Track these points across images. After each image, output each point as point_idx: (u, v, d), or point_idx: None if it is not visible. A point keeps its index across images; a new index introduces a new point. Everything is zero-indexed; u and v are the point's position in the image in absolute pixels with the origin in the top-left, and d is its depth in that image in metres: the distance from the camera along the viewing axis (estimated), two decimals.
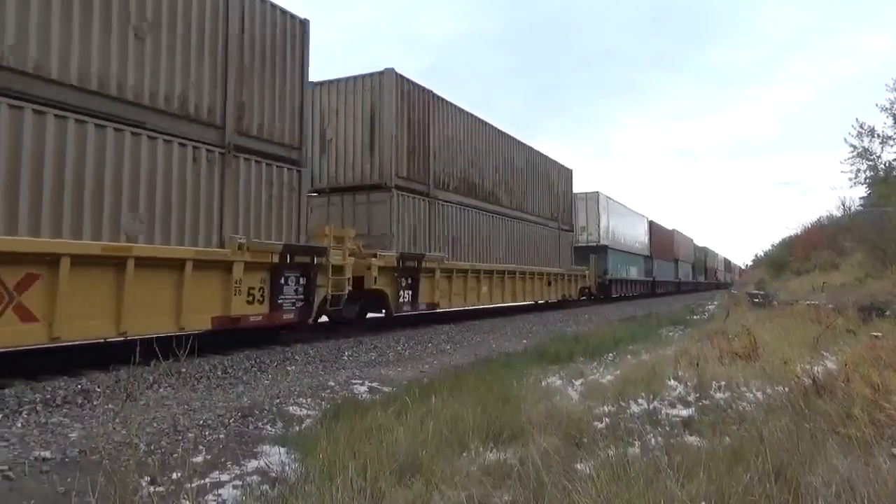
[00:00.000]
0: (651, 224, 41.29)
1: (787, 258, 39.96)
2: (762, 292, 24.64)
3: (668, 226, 49.68)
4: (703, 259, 67.05)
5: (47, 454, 4.08)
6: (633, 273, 35.38)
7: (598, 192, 29.49)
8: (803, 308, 13.50)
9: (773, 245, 60.57)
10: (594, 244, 28.88)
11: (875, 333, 7.30)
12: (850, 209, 30.30)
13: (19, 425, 4.91)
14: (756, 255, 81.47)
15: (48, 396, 5.75)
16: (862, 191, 24.89)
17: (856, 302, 12.76)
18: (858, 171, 22.06)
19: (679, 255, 50.11)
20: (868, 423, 3.90)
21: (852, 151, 21.75)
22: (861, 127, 21.19)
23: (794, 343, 8.22)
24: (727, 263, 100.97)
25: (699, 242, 66.42)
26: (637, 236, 37.24)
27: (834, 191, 70.41)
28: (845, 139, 21.77)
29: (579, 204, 28.47)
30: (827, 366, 6.00)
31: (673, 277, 47.97)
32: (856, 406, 4.26)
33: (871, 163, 21.47)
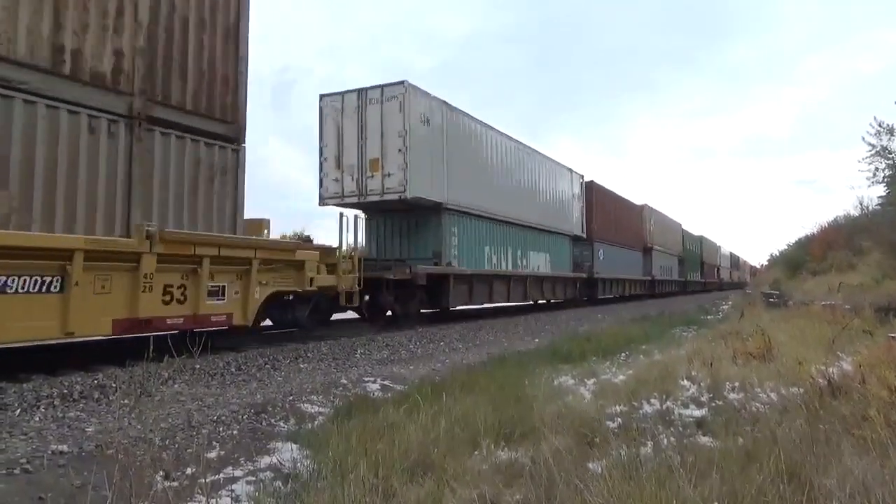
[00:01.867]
0: (590, 187, 26.26)
1: (804, 258, 39.34)
2: (777, 292, 24.43)
3: (638, 200, 35.51)
4: (696, 251, 51.11)
5: (64, 448, 4.14)
6: (541, 264, 20.68)
7: (405, 82, 13.87)
8: (819, 308, 13.37)
9: (788, 244, 56.93)
10: (397, 197, 13.70)
11: (892, 334, 7.21)
12: (867, 208, 29.85)
13: (37, 419, 4.99)
14: (771, 255, 74.47)
15: (65, 391, 5.82)
16: (880, 190, 24.48)
17: (872, 303, 12.62)
18: (877, 169, 21.73)
19: (654, 242, 35.96)
20: (884, 425, 3.86)
21: (870, 150, 21.43)
22: (879, 125, 20.87)
23: (809, 344, 8.15)
24: (735, 260, 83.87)
25: (694, 230, 51.99)
26: (552, 201, 22.08)
27: (852, 190, 68.80)
28: (863, 137, 21.46)
29: (370, 112, 13.88)
30: (842, 367, 5.94)
31: (640, 274, 33.53)
32: (871, 407, 4.22)
33: (889, 161, 21.15)
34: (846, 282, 20.62)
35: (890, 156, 20.91)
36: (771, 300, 20.79)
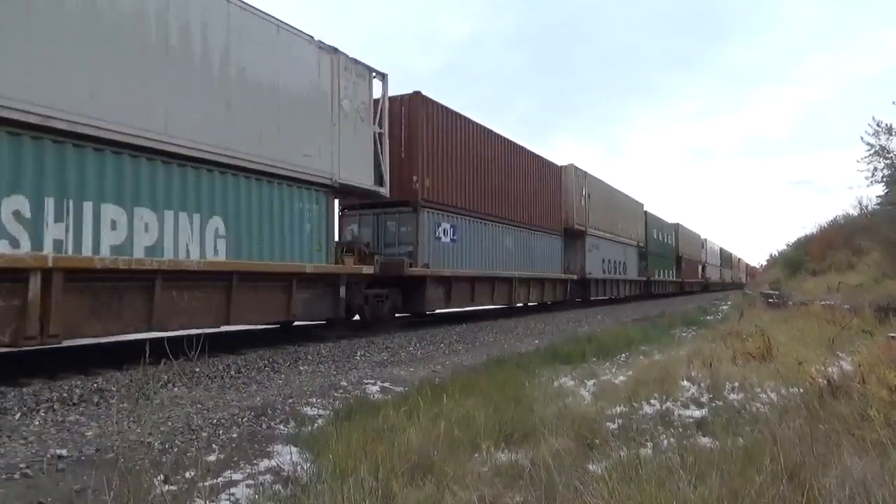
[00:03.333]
0: (415, 105, 14.07)
1: (803, 258, 39.34)
2: (777, 292, 24.43)
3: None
4: (668, 243, 39.81)
5: (64, 452, 4.14)
6: (175, 245, 8.16)
7: None
8: (819, 308, 13.38)
9: (788, 245, 56.23)
10: None
11: (892, 334, 7.22)
12: (866, 208, 29.85)
13: (37, 423, 4.98)
14: (771, 255, 72.70)
15: (65, 395, 5.82)
16: (879, 189, 24.47)
17: (872, 302, 12.63)
18: (875, 169, 21.71)
19: (590, 223, 24.60)
20: (884, 425, 3.86)
21: (869, 150, 21.41)
22: (878, 125, 20.84)
23: (809, 344, 8.15)
24: (726, 257, 71.75)
25: (668, 217, 42.52)
26: (240, 96, 9.15)
27: (851, 190, 68.70)
28: (861, 137, 21.46)
29: None
30: (842, 367, 5.94)
31: (558, 270, 22.19)
32: (871, 407, 4.21)
33: (888, 161, 21.14)
34: (845, 281, 20.65)
35: (889, 155, 20.91)
36: (770, 300, 20.79)
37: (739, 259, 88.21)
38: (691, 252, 47.15)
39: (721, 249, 66.85)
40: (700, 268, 51.83)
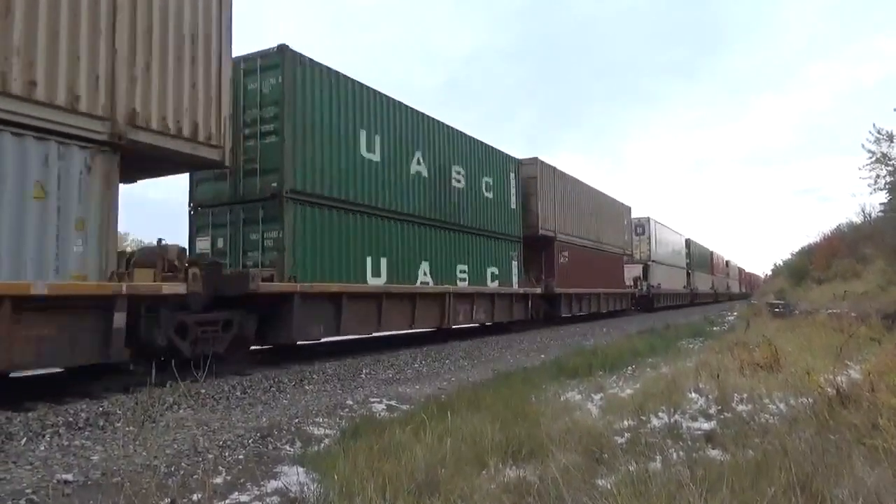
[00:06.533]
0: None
1: (807, 267, 39.20)
2: (782, 301, 24.32)
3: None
4: (502, 202, 17.27)
5: (69, 477, 4.12)
6: None
7: None
8: (825, 317, 13.31)
9: (792, 254, 55.61)
10: None
11: None
12: (870, 216, 29.86)
13: (42, 448, 4.97)
14: (775, 264, 69.56)
15: (70, 419, 5.81)
16: (882, 196, 24.50)
17: (879, 310, 12.57)
18: (878, 176, 21.80)
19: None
20: (895, 434, 3.82)
21: (871, 157, 21.51)
22: (879, 132, 20.96)
23: (816, 353, 8.10)
24: (701, 255, 48.90)
25: (513, 151, 20.19)
26: None
27: (854, 198, 68.27)
28: (863, 145, 21.55)
29: None
30: (851, 375, 5.90)
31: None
32: (882, 416, 4.18)
33: (890, 168, 21.20)
34: (851, 290, 20.56)
35: (890, 162, 20.98)
36: (776, 310, 20.69)
37: (728, 262, 65.37)
38: (596, 235, 25.04)
39: (690, 243, 44.42)
40: (637, 270, 32.44)
